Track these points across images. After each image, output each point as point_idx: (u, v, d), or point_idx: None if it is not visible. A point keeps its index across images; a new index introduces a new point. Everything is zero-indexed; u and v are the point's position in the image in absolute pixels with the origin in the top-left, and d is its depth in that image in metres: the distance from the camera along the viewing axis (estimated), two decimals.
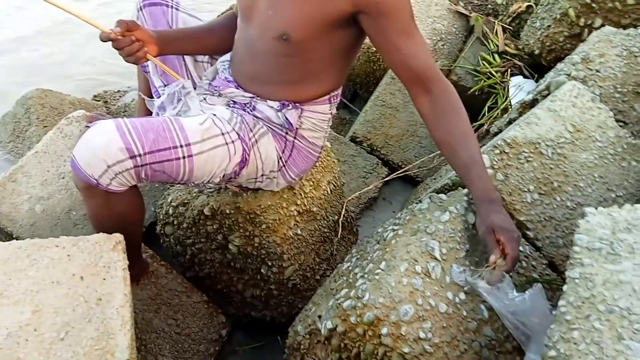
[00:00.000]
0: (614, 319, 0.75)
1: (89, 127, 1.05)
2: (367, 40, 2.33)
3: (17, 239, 1.57)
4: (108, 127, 1.01)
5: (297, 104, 1.23)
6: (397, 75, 1.11)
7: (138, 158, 1.02)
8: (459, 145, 1.04)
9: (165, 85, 1.41)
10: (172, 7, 1.40)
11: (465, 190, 1.14)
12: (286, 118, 1.22)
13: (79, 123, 1.73)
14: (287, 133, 1.26)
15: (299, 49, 1.11)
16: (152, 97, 1.46)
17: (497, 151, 1.22)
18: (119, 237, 1.06)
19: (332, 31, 1.09)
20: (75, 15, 1.17)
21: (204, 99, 1.30)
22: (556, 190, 1.21)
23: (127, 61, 1.21)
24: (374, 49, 2.33)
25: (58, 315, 0.92)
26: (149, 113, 1.52)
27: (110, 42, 1.17)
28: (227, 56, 1.34)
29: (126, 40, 1.17)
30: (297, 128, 1.25)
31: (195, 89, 1.33)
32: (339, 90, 1.29)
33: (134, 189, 1.13)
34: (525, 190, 1.19)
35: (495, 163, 1.20)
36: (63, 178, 1.65)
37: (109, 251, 1.03)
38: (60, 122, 1.74)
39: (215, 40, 1.35)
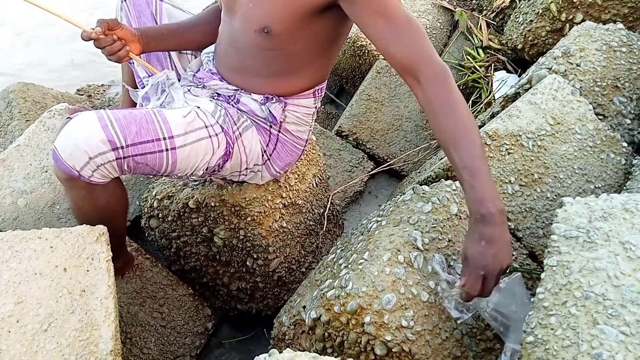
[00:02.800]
0: (589, 305, 0.77)
1: (70, 118, 1.04)
2: (351, 34, 2.35)
3: None
4: (90, 119, 1.00)
5: (281, 98, 1.23)
6: (389, 64, 1.07)
7: (120, 150, 1.01)
8: (450, 146, 0.92)
9: (149, 76, 1.40)
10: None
11: (449, 182, 1.16)
12: (270, 112, 1.22)
13: (61, 116, 1.71)
14: (271, 127, 1.26)
15: (281, 41, 1.11)
16: (136, 88, 1.46)
17: None
18: (102, 228, 1.06)
19: (313, 22, 1.08)
20: (56, 15, 1.15)
21: (189, 90, 1.29)
22: (536, 182, 1.23)
23: (109, 59, 1.20)
24: (359, 43, 2.35)
25: (41, 306, 0.92)
26: (134, 104, 1.51)
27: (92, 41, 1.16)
28: (211, 48, 1.34)
29: (108, 40, 1.16)
30: (281, 122, 1.25)
31: (179, 80, 1.33)
32: (324, 84, 1.29)
33: (117, 181, 1.12)
34: (507, 181, 1.21)
35: None
36: (46, 172, 1.64)
37: (92, 243, 1.02)
38: (42, 115, 1.72)
39: (198, 36, 1.35)
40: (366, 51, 2.37)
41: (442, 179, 1.20)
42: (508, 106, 1.54)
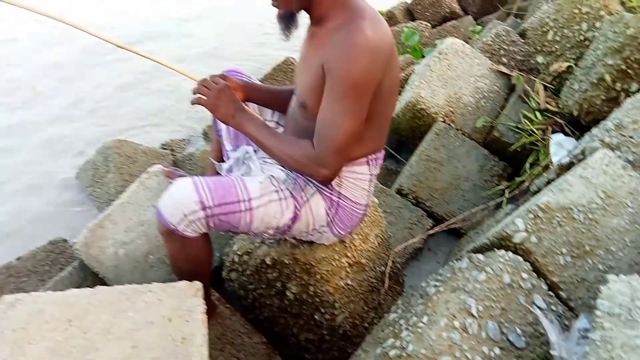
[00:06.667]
0: None
1: (171, 182, 1.28)
2: (412, 98, 2.51)
3: (102, 279, 1.81)
4: (187, 184, 1.25)
5: None
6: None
7: (208, 210, 1.25)
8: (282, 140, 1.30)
9: (234, 150, 1.64)
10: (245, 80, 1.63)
11: (502, 252, 1.27)
12: None
13: (157, 177, 1.98)
14: (331, 193, 1.42)
15: (314, 115, 1.26)
16: (220, 162, 1.70)
17: (531, 215, 1.34)
18: (198, 284, 1.25)
19: None
20: (169, 67, 1.41)
21: (264, 161, 1.50)
22: (588, 254, 1.31)
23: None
24: (419, 107, 2.51)
25: (151, 351, 1.11)
26: (218, 174, 1.74)
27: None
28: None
29: (214, 79, 1.41)
30: (338, 188, 1.40)
31: (255, 152, 1.54)
32: (378, 155, 1.42)
33: (206, 236, 1.35)
34: (558, 253, 1.30)
35: (529, 227, 1.32)
36: (142, 225, 1.89)
37: (191, 297, 1.22)
38: (141, 176, 1.99)
39: (287, 104, 1.56)
40: (425, 114, 2.53)
41: (496, 249, 1.31)
42: (563, 174, 1.63)
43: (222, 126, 1.66)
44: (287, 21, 1.32)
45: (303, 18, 1.33)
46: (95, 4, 6.50)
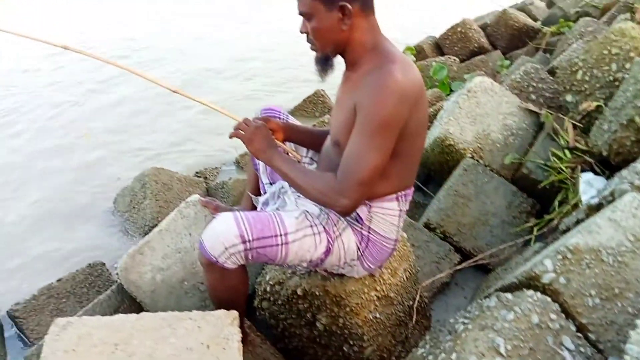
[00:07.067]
0: None
1: (213, 215, 1.36)
2: (440, 134, 2.57)
3: (139, 303, 1.89)
4: (228, 219, 1.33)
5: (366, 201, 1.44)
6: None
7: (248, 243, 1.32)
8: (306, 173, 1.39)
9: (271, 184, 1.73)
10: (284, 120, 1.73)
11: (530, 292, 1.29)
12: (357, 213, 1.45)
13: (195, 206, 2.07)
14: (361, 227, 1.47)
15: None
16: (257, 195, 1.78)
17: (560, 257, 1.36)
18: (235, 313, 1.32)
19: None
20: (212, 108, 1.50)
21: (299, 196, 1.58)
22: (617, 297, 1.32)
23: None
24: (448, 142, 2.56)
25: None
26: (253, 207, 1.82)
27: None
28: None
29: (255, 119, 1.52)
30: (368, 223, 1.45)
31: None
32: (407, 192, 1.47)
33: (243, 268, 1.42)
34: (587, 294, 1.32)
35: (558, 268, 1.34)
36: (179, 253, 1.97)
37: (228, 325, 1.28)
38: (180, 205, 2.08)
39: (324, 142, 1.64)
40: (454, 149, 2.57)
41: (524, 288, 1.33)
42: (592, 214, 1.65)
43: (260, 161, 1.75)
44: (324, 64, 1.42)
45: (339, 64, 1.43)
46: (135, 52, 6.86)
